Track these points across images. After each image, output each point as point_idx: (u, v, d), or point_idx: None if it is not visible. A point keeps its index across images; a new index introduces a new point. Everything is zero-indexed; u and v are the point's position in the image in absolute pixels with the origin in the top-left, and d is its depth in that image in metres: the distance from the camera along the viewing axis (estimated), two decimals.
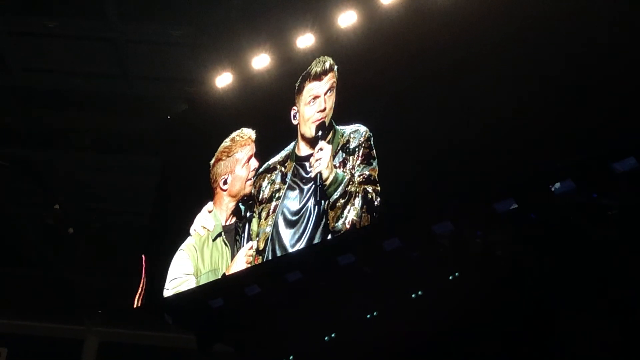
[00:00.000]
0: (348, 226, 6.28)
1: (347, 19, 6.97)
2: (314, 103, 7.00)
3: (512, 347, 6.56)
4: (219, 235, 7.30)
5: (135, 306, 7.69)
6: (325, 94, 6.96)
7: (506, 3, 5.92)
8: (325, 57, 7.05)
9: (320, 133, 6.80)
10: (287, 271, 6.73)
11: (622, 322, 6.12)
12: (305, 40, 7.25)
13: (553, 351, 6.42)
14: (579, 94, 5.27)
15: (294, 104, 7.11)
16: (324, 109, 6.92)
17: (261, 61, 7.59)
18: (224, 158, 7.56)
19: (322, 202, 6.55)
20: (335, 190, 6.48)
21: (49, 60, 9.69)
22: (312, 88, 7.06)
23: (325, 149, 6.70)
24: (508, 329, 6.52)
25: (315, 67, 7.07)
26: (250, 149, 7.43)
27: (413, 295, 6.67)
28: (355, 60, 6.87)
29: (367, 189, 6.25)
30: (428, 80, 6.20)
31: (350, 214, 6.29)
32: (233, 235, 7.22)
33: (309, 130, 6.95)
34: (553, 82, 5.43)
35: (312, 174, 6.70)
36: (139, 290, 7.64)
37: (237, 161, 7.47)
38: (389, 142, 6.31)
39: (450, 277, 6.39)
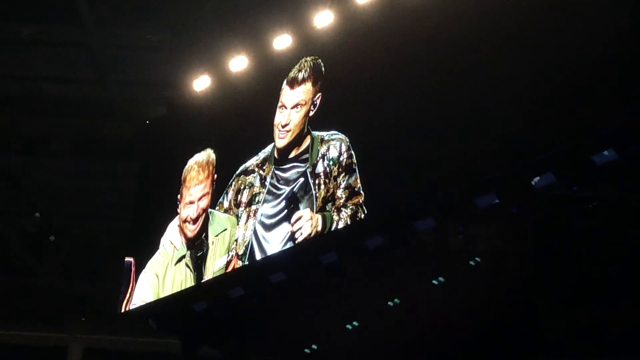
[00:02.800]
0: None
1: (323, 19, 6.96)
2: (280, 113, 6.97)
3: (494, 341, 6.59)
4: (182, 257, 7.27)
5: (122, 311, 7.65)
6: (294, 107, 6.90)
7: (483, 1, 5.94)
8: (305, 62, 6.98)
9: (292, 206, 6.60)
10: (271, 272, 6.72)
11: (605, 313, 6.16)
12: (282, 41, 7.24)
13: (537, 344, 6.45)
14: (556, 87, 5.28)
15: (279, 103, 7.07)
16: (287, 124, 6.87)
17: (239, 63, 7.57)
18: (183, 185, 7.54)
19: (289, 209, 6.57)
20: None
21: (25, 67, 9.64)
22: (285, 94, 7.01)
23: (303, 216, 6.47)
24: (491, 321, 6.55)
25: (294, 71, 7.01)
26: (202, 189, 7.36)
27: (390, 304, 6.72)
28: (331, 62, 6.84)
29: (350, 205, 6.18)
30: (404, 79, 6.19)
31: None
32: (195, 260, 7.18)
33: (277, 138, 6.93)
34: (531, 75, 5.43)
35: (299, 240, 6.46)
36: (126, 295, 7.61)
37: (183, 197, 7.46)
38: (368, 142, 6.29)
39: (435, 282, 6.42)
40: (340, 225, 6.16)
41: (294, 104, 6.89)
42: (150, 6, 8.66)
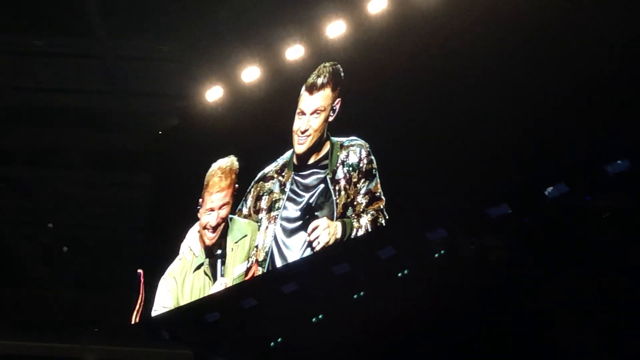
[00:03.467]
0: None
1: (336, 29, 6.96)
2: (299, 119, 6.98)
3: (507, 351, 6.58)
4: (201, 265, 7.27)
5: (133, 322, 7.66)
6: (313, 113, 6.91)
7: (494, 6, 5.92)
8: (324, 68, 6.97)
9: (307, 216, 6.61)
10: (283, 283, 6.72)
11: (618, 322, 6.12)
12: (294, 52, 7.25)
13: (549, 354, 6.43)
14: (569, 98, 5.27)
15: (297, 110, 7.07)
16: (306, 130, 6.88)
17: (251, 73, 7.59)
18: (205, 189, 7.55)
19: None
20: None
21: (38, 79, 9.68)
22: (304, 100, 7.01)
23: (320, 226, 6.47)
24: (503, 333, 6.53)
25: (313, 77, 7.01)
26: (227, 195, 7.34)
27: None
28: (349, 68, 6.83)
29: (371, 210, 6.18)
30: (419, 88, 6.19)
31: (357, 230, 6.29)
32: (214, 268, 7.17)
33: (296, 144, 6.95)
34: (545, 86, 5.42)
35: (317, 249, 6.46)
36: (137, 306, 7.62)
37: (205, 202, 7.44)
38: (388, 148, 6.28)
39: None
40: (361, 232, 6.16)
41: (313, 110, 6.89)
42: (162, 18, 8.69)
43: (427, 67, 6.21)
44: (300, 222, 6.65)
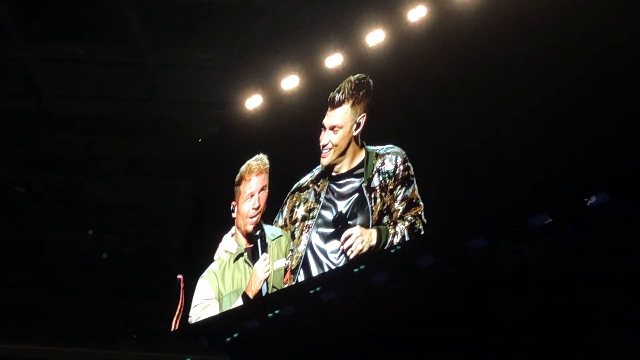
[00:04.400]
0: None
1: (375, 38, 6.97)
2: (322, 132, 7.04)
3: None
4: (240, 255, 7.32)
5: (172, 329, 7.69)
6: (331, 129, 6.96)
7: (533, 17, 5.90)
8: (346, 84, 7.02)
9: (340, 226, 6.65)
10: (322, 291, 6.73)
11: None
12: (334, 60, 7.25)
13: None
14: (611, 105, 5.24)
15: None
16: (325, 145, 6.95)
17: (291, 82, 7.61)
18: (236, 185, 7.62)
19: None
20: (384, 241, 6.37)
21: (79, 86, 9.75)
22: (326, 115, 7.07)
23: (353, 234, 6.50)
24: (541, 342, 6.50)
25: (333, 92, 7.07)
26: (261, 180, 7.45)
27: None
28: (384, 79, 6.85)
29: (408, 217, 6.19)
30: (459, 97, 6.18)
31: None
32: (253, 256, 7.24)
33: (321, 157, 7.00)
34: (586, 94, 5.39)
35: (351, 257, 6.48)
36: (177, 312, 7.65)
37: (242, 194, 7.52)
38: (424, 159, 6.28)
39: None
40: (397, 239, 6.15)
41: (330, 126, 6.98)
42: (203, 26, 8.72)
43: (467, 75, 6.19)
44: (334, 231, 6.66)
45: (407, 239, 6.11)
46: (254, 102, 7.92)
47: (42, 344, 13.12)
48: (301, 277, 6.79)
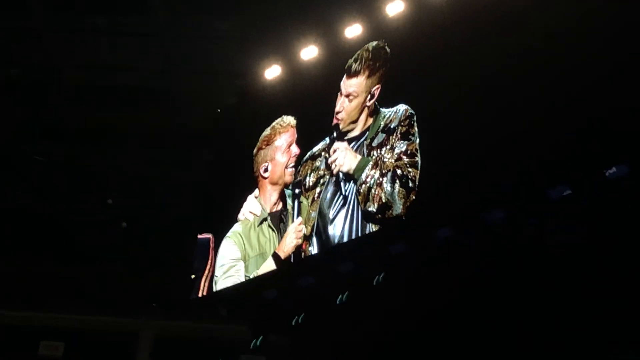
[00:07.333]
0: (376, 205, 6.41)
1: (394, 8, 6.96)
2: (338, 98, 7.13)
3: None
4: (264, 220, 7.39)
5: (200, 294, 7.75)
6: (347, 96, 7.06)
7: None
8: (363, 52, 7.10)
9: (334, 134, 6.99)
10: (340, 262, 6.76)
11: None
12: (353, 31, 7.25)
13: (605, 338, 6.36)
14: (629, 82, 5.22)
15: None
16: (339, 112, 7.07)
17: (309, 52, 7.61)
18: (263, 147, 7.67)
19: (348, 189, 6.72)
20: (359, 176, 6.62)
21: (98, 57, 9.76)
22: (343, 81, 7.16)
23: (339, 148, 6.86)
24: (558, 316, 6.49)
25: (350, 61, 7.17)
26: (290, 135, 7.55)
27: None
28: (402, 47, 6.90)
29: (400, 164, 6.36)
30: (476, 68, 6.18)
31: (379, 194, 6.38)
32: (277, 221, 7.30)
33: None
34: (601, 71, 5.38)
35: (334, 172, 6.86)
36: (205, 272, 7.72)
37: (277, 149, 7.58)
38: (435, 122, 6.39)
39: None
40: (377, 174, 6.43)
41: (347, 93, 7.09)
42: None
43: (482, 48, 6.23)
44: (337, 198, 6.81)
45: (397, 184, 6.22)
46: (273, 72, 7.94)
47: (63, 313, 13.19)
48: (314, 246, 6.93)
